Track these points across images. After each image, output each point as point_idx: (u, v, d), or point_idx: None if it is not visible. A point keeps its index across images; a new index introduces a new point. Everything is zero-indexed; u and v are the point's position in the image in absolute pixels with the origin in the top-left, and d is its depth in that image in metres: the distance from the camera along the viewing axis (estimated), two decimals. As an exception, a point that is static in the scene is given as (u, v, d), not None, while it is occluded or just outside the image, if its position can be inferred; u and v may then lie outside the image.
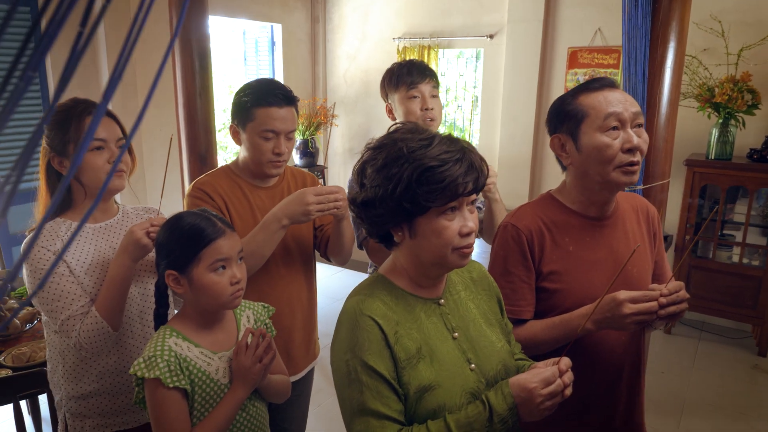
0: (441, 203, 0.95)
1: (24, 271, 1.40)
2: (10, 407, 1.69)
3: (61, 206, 1.46)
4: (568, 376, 0.99)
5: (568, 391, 0.98)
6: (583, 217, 1.34)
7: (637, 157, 1.23)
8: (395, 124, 1.05)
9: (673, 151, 2.08)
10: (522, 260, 1.31)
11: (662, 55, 1.70)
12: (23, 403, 2.72)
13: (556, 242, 1.32)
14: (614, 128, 1.22)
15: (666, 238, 3.76)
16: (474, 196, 1.00)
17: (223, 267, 1.22)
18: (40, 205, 1.49)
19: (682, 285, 1.18)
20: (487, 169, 1.01)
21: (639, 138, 1.23)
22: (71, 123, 1.38)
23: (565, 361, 1.00)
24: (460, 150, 0.97)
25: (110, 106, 3.80)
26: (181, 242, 1.22)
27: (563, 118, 1.29)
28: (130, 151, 1.51)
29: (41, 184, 1.47)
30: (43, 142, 1.43)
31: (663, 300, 1.15)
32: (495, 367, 1.08)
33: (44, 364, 2.02)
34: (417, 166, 0.94)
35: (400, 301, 1.04)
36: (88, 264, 1.43)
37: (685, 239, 3.66)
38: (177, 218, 1.26)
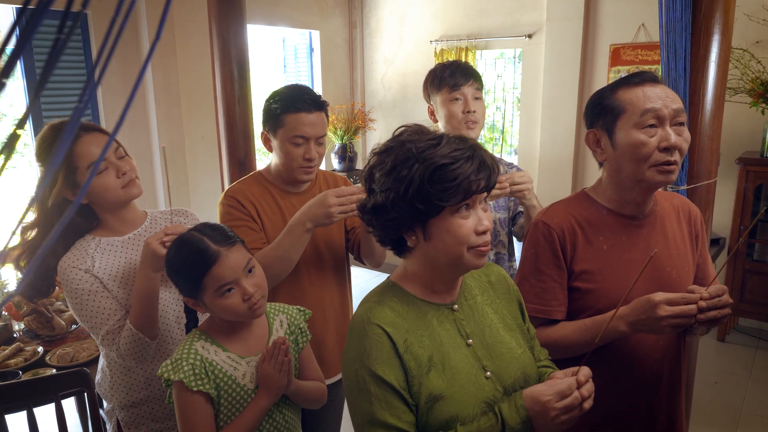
0: (455, 202, 0.92)
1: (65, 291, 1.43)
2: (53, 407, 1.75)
3: (89, 225, 1.48)
4: (587, 388, 0.93)
5: (588, 404, 0.92)
6: (618, 216, 1.28)
7: (675, 157, 1.17)
8: (400, 127, 1.02)
9: (725, 150, 1.96)
10: (553, 259, 1.27)
11: (705, 48, 1.60)
12: (72, 401, 2.82)
13: (590, 241, 1.27)
14: (652, 125, 1.17)
15: (718, 240, 3.57)
16: (485, 194, 0.98)
17: (230, 289, 1.20)
18: None
19: (725, 289, 1.12)
20: (499, 168, 0.98)
21: (679, 136, 1.17)
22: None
23: (584, 372, 0.94)
24: (469, 148, 0.94)
25: (154, 114, 3.92)
26: (182, 275, 1.22)
27: (600, 113, 1.24)
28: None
29: None
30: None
31: (703, 304, 1.08)
32: (514, 375, 1.03)
33: (86, 364, 2.09)
34: (428, 165, 0.91)
35: (411, 307, 1.01)
36: (120, 277, 1.45)
37: (739, 242, 3.48)
38: (173, 248, 1.23)
